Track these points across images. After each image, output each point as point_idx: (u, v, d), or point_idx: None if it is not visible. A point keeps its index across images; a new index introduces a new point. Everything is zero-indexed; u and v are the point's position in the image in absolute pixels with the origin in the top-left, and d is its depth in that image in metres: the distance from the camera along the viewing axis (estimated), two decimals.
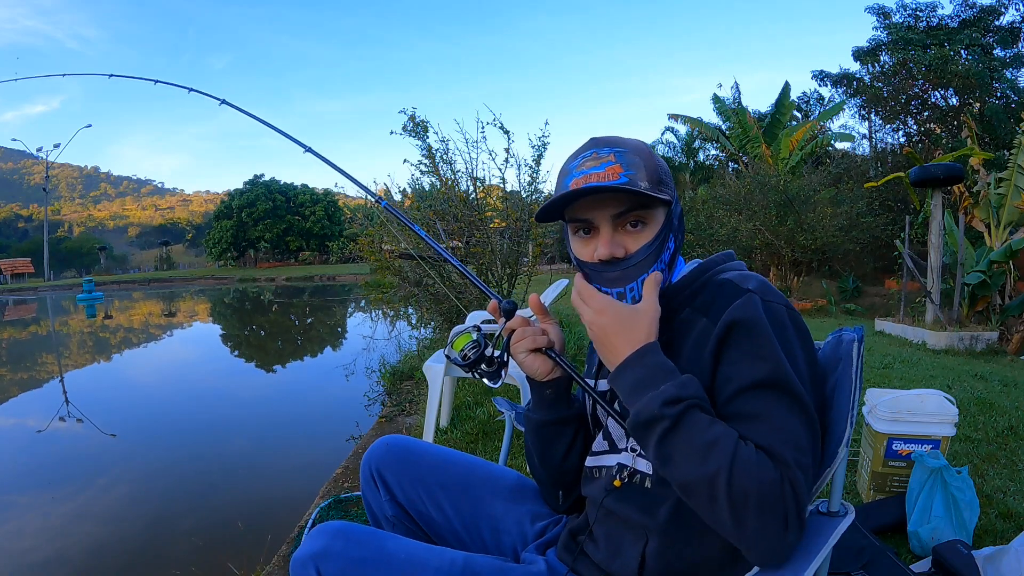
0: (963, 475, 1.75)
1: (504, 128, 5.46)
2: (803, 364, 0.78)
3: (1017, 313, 5.57)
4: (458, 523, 1.07)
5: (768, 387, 0.74)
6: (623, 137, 0.87)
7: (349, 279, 23.60)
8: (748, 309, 0.78)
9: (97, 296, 19.79)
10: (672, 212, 0.87)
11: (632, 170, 0.82)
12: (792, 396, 0.74)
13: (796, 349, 0.78)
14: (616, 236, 0.85)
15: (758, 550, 0.69)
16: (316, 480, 2.88)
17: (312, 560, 0.84)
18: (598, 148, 0.85)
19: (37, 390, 6.42)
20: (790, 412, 0.73)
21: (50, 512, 3.05)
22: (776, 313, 0.79)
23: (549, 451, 1.00)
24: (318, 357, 8.02)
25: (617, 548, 0.88)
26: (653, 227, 0.85)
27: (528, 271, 5.94)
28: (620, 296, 0.85)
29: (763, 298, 0.80)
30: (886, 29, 13.54)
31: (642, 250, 0.84)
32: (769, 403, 0.73)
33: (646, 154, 0.85)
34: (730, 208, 10.50)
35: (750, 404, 0.74)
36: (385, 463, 1.09)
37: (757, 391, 0.74)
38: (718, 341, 0.78)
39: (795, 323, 0.81)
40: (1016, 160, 6.35)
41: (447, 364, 2.72)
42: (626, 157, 0.83)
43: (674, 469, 0.72)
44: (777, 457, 0.70)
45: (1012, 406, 3.21)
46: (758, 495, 0.67)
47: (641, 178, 0.82)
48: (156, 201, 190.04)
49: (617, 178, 0.81)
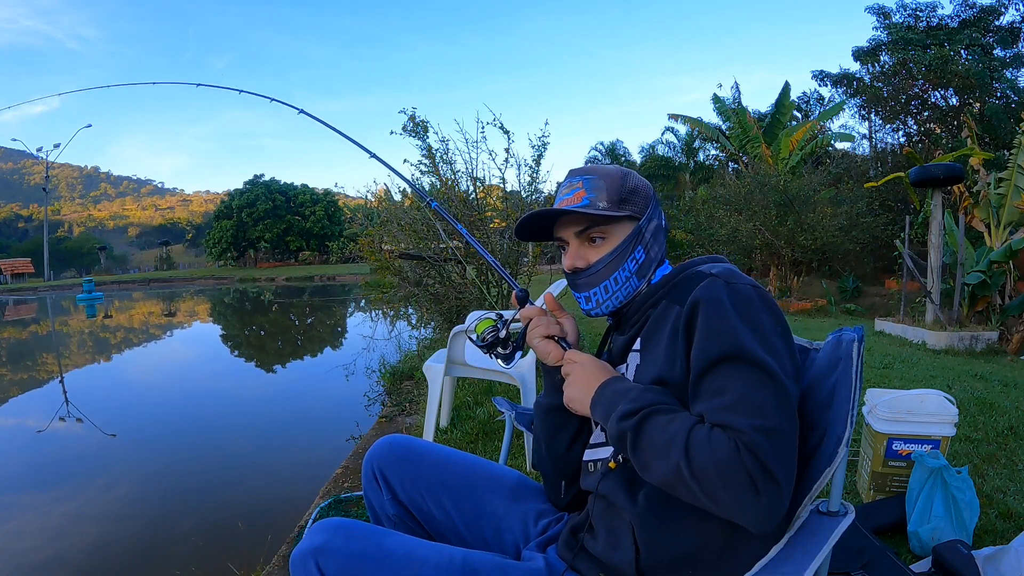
0: (963, 475, 1.75)
1: (504, 128, 5.47)
2: (773, 336, 0.81)
3: (1017, 313, 5.57)
4: (460, 522, 1.08)
5: (726, 360, 0.78)
6: (600, 166, 1.01)
7: (349, 279, 23.60)
8: (709, 290, 0.84)
9: (97, 296, 19.79)
10: (642, 227, 0.97)
11: (594, 193, 0.95)
12: (751, 364, 0.77)
13: (763, 321, 0.82)
14: (580, 250, 0.98)
15: (742, 519, 0.73)
16: (316, 480, 2.88)
17: (312, 555, 0.85)
18: (572, 178, 0.99)
19: (37, 390, 6.42)
20: (749, 381, 0.76)
21: (50, 512, 3.05)
22: (739, 291, 0.83)
23: (556, 438, 1.05)
24: (318, 357, 8.02)
25: (616, 540, 0.89)
26: (614, 241, 0.96)
27: (528, 271, 5.95)
28: (587, 300, 0.99)
29: (726, 281, 0.85)
30: (886, 29, 13.54)
31: (600, 261, 0.96)
32: (728, 377, 0.77)
33: (614, 178, 0.97)
34: (730, 208, 10.50)
35: (712, 382, 0.79)
36: (387, 462, 1.10)
37: (718, 367, 0.78)
38: (686, 323, 0.85)
39: (763, 299, 0.84)
40: (1016, 160, 6.34)
41: (447, 364, 2.72)
42: (592, 183, 0.96)
43: (651, 473, 0.79)
44: (731, 428, 0.73)
45: (1012, 406, 3.21)
46: (716, 469, 0.72)
47: (601, 199, 0.95)
48: (156, 201, 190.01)
49: (580, 202, 0.95)
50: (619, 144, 23.15)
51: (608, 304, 0.98)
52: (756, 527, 0.74)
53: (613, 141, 23.79)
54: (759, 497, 0.71)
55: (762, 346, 0.79)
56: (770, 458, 0.71)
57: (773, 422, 0.74)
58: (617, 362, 1.00)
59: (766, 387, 0.76)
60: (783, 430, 0.74)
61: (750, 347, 0.78)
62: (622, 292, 0.97)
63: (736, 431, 0.73)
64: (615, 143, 23.16)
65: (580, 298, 1.00)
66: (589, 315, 1.00)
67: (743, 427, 0.73)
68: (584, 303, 0.99)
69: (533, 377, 2.83)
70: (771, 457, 0.71)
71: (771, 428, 0.73)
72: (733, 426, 0.73)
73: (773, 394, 0.76)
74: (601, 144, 23.47)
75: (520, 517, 1.08)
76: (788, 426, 0.75)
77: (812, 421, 0.88)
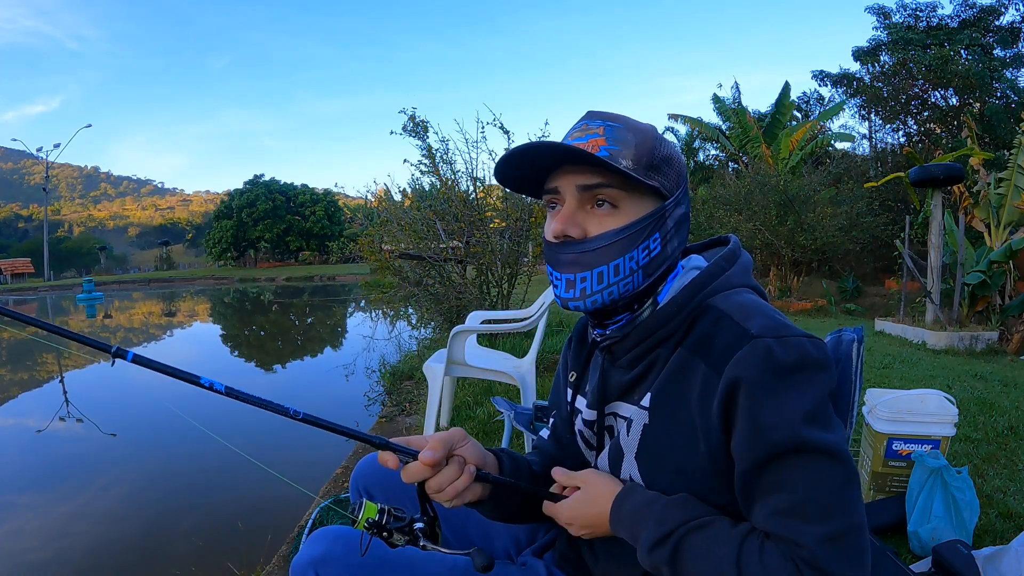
0: (963, 475, 1.75)
1: (504, 128, 5.47)
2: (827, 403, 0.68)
3: (1017, 313, 5.57)
4: (448, 531, 1.05)
5: (781, 455, 0.65)
6: (627, 116, 0.75)
7: (349, 279, 23.58)
8: (752, 365, 0.66)
9: (97, 296, 19.77)
10: (667, 209, 0.75)
11: (618, 146, 0.71)
12: (813, 453, 0.65)
13: (821, 386, 0.68)
14: (578, 213, 0.74)
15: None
16: (316, 480, 2.87)
17: (312, 565, 0.83)
18: (590, 120, 0.75)
19: (37, 390, 6.42)
20: (811, 476, 0.65)
21: (50, 512, 3.05)
22: (788, 353, 0.66)
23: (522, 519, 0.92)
24: (318, 357, 8.01)
25: (617, 563, 0.85)
26: (628, 214, 0.73)
27: (528, 271, 5.95)
28: (568, 284, 0.74)
29: (771, 341, 0.67)
30: (886, 29, 13.53)
31: (603, 236, 0.72)
32: (786, 471, 0.65)
33: (645, 135, 0.73)
34: (730, 208, 10.48)
35: (767, 479, 0.66)
36: (372, 480, 1.06)
37: (771, 463, 0.66)
38: (723, 403, 0.68)
39: (817, 350, 0.68)
40: (1016, 160, 6.34)
41: (447, 364, 2.72)
42: (616, 132, 0.72)
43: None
44: (788, 542, 0.64)
45: (1012, 406, 3.20)
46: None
47: (625, 156, 0.71)
48: (156, 201, 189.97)
49: (597, 150, 0.71)
50: None
51: (596, 298, 0.74)
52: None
53: None
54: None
55: (824, 426, 0.66)
56: (841, 567, 0.63)
57: (841, 523, 0.64)
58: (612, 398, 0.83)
59: (832, 477, 0.65)
60: (853, 526, 0.64)
61: (811, 434, 0.65)
62: (619, 287, 0.74)
63: (794, 546, 0.64)
64: None
65: (560, 280, 0.75)
66: (565, 306, 0.76)
67: (805, 541, 0.63)
68: (563, 288, 0.75)
69: (533, 377, 2.83)
70: (842, 565, 0.63)
71: (840, 532, 0.63)
72: (794, 540, 0.64)
73: (840, 483, 0.65)
74: None
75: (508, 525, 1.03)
76: (857, 517, 0.65)
77: None
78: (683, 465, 0.73)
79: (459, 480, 0.74)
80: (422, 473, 0.73)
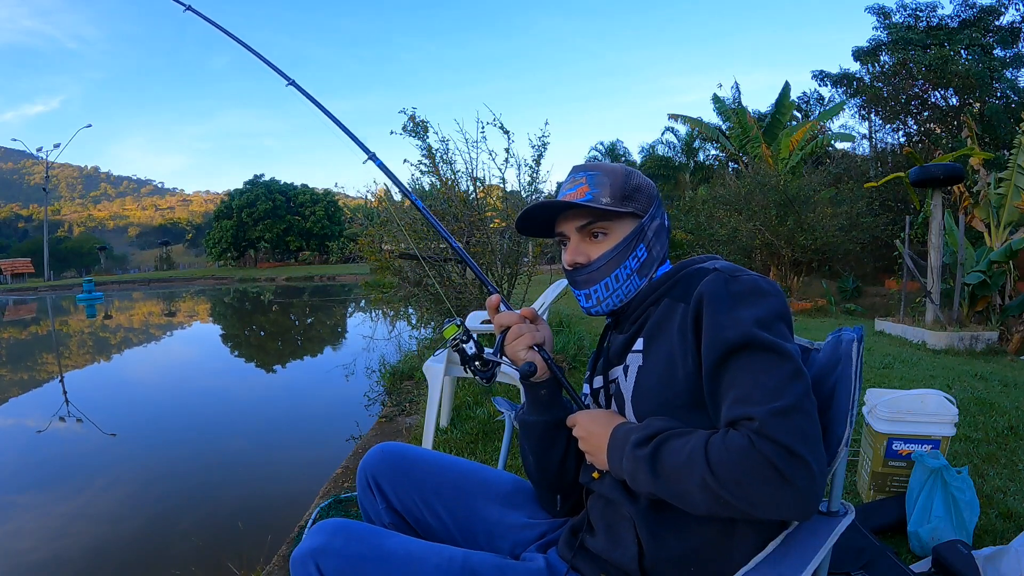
0: (963, 475, 1.75)
1: (504, 128, 5.46)
2: (778, 322, 0.81)
3: (1017, 313, 5.57)
4: (454, 528, 1.08)
5: (736, 352, 0.77)
6: (604, 163, 1.00)
7: (349, 279, 23.59)
8: (713, 283, 0.83)
9: (97, 296, 19.79)
10: (645, 225, 0.95)
11: (597, 188, 0.94)
12: (760, 349, 0.76)
13: (770, 306, 0.81)
14: (581, 245, 0.96)
15: (783, 513, 0.71)
16: (316, 480, 2.88)
17: (312, 556, 0.85)
18: (575, 173, 0.98)
19: (37, 390, 6.42)
20: (760, 367, 0.75)
21: (50, 512, 3.05)
22: (742, 282, 0.83)
23: (546, 456, 1.02)
24: (318, 357, 8.02)
25: (616, 538, 0.89)
26: (616, 237, 0.95)
27: (528, 271, 5.95)
28: (587, 297, 0.97)
29: (730, 274, 0.85)
30: (886, 29, 13.54)
31: (602, 257, 0.94)
32: (740, 368, 0.76)
33: (617, 175, 0.95)
34: (730, 208, 10.48)
35: (725, 377, 0.78)
36: (380, 471, 1.09)
37: (729, 361, 0.77)
38: (694, 320, 0.83)
39: (769, 286, 0.83)
40: (1016, 160, 6.34)
41: (447, 364, 2.72)
42: (595, 179, 0.95)
43: (682, 499, 0.77)
44: (742, 422, 0.73)
45: (1012, 406, 3.20)
46: (740, 471, 0.70)
47: (604, 195, 0.93)
48: (156, 201, 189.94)
49: (583, 196, 0.93)
50: (619, 144, 23.18)
51: (609, 302, 0.96)
52: (800, 515, 0.72)
53: (613, 141, 23.83)
54: (789, 483, 0.68)
55: (770, 330, 0.78)
56: (789, 437, 0.69)
57: (787, 400, 0.72)
58: (615, 362, 0.96)
59: (778, 368, 0.74)
60: (798, 405, 0.72)
61: (758, 333, 0.76)
62: (623, 290, 0.95)
63: (746, 423, 0.72)
64: (615, 143, 23.20)
65: (580, 295, 0.98)
66: (589, 313, 0.98)
67: (757, 414, 0.71)
68: (584, 300, 0.97)
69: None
70: (790, 436, 0.69)
71: (785, 407, 0.71)
72: (748, 416, 0.72)
73: (785, 373, 0.74)
74: (601, 144, 23.51)
75: (514, 523, 1.08)
76: (804, 400, 0.73)
77: None
78: (667, 398, 0.85)
79: (533, 334, 0.95)
80: (511, 319, 0.97)
